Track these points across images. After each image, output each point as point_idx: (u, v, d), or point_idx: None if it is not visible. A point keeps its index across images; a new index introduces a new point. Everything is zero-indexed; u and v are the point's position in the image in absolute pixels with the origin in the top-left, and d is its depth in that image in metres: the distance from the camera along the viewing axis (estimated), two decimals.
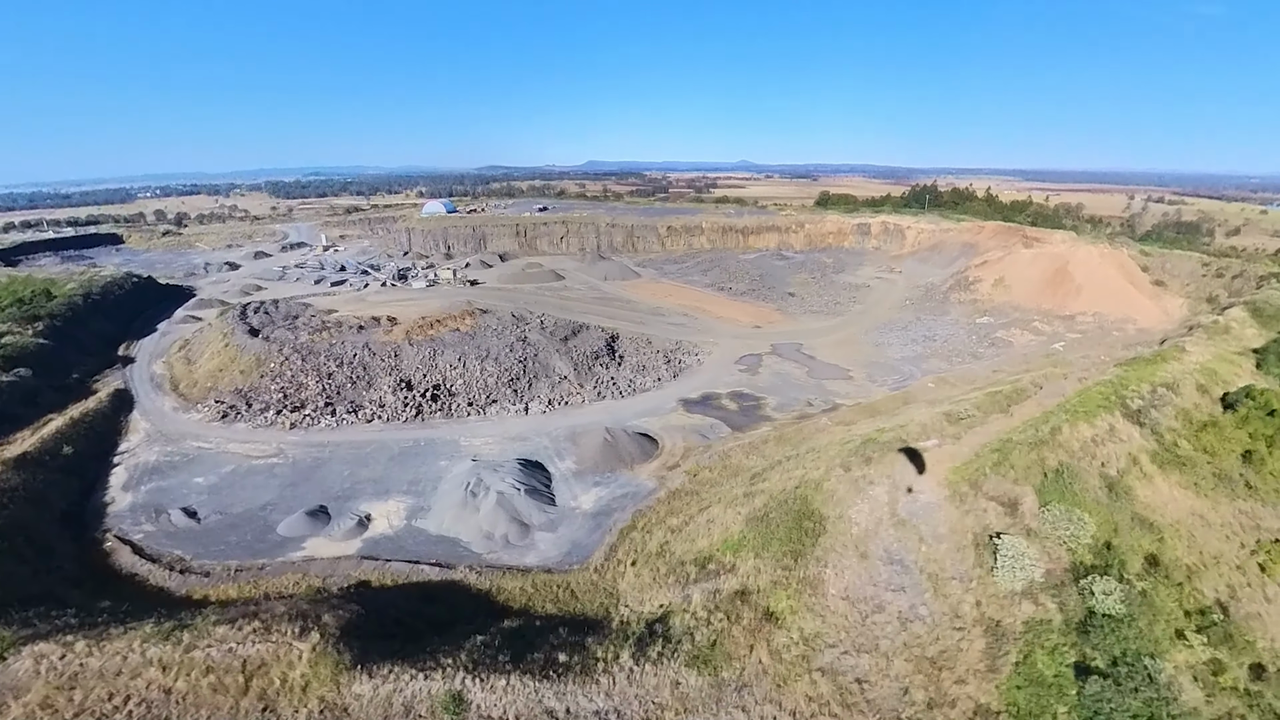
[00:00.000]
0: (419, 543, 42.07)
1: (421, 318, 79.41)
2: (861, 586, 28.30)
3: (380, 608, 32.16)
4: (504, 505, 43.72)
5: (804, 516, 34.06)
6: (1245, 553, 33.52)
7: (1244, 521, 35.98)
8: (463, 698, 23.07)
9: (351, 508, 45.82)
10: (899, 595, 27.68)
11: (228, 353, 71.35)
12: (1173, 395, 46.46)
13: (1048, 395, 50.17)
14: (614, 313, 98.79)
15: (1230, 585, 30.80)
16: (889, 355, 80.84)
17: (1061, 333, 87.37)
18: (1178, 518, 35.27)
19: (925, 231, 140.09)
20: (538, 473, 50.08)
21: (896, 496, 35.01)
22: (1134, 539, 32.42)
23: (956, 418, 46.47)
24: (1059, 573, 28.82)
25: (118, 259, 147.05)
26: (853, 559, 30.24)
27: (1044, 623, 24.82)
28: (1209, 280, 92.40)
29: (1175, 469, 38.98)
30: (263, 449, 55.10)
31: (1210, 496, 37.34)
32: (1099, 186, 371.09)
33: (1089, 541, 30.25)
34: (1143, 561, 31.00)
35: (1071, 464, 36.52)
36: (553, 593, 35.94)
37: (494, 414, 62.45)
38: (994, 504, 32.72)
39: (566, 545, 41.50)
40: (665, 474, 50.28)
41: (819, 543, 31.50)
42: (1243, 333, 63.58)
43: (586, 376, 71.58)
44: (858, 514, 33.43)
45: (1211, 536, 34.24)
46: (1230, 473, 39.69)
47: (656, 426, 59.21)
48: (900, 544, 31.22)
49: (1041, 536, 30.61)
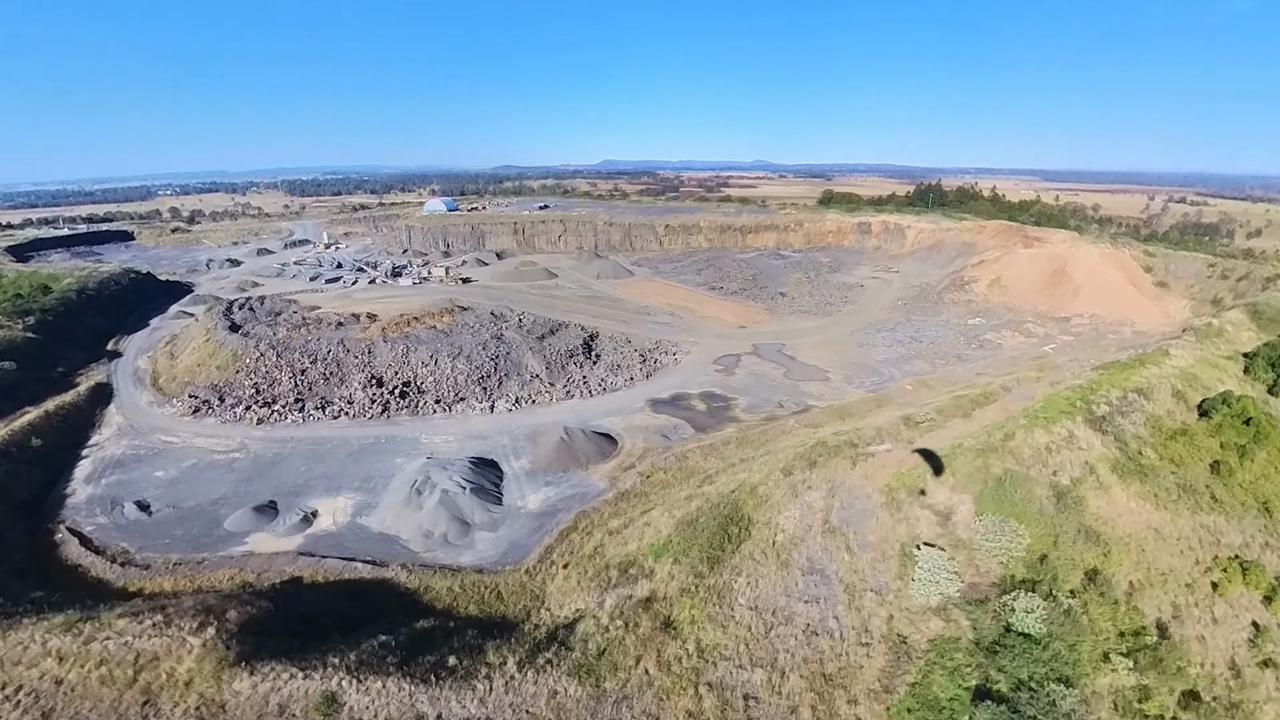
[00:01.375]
0: (359, 540, 41.94)
1: (400, 315, 79.71)
2: (774, 596, 27.28)
3: (293, 605, 32.01)
4: (446, 504, 43.40)
5: (731, 522, 33.11)
6: (1199, 570, 31.69)
7: (1203, 536, 34.06)
8: (336, 699, 22.66)
9: (300, 504, 45.91)
10: (812, 607, 26.62)
11: (207, 348, 72.34)
12: (1144, 401, 44.34)
13: (1015, 399, 48.37)
14: (599, 311, 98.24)
15: (1176, 604, 29.09)
16: (872, 357, 78.99)
17: (1055, 335, 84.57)
18: (1130, 531, 33.49)
19: (925, 231, 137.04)
20: (490, 471, 49.71)
21: (832, 503, 33.86)
22: (1076, 552, 30.82)
23: (914, 422, 45.01)
24: (985, 587, 27.48)
25: (126, 255, 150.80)
26: (771, 567, 29.22)
27: (952, 641, 23.55)
28: (1214, 282, 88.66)
29: (1136, 479, 37.09)
30: (226, 444, 55.60)
31: (1170, 509, 35.43)
32: (1121, 187, 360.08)
33: (1022, 554, 28.81)
34: (1082, 577, 29.43)
35: (1019, 472, 34.92)
36: (479, 594, 35.47)
37: (460, 412, 62.30)
38: (928, 512, 31.42)
39: (505, 545, 41.02)
40: (619, 475, 49.53)
41: (740, 549, 30.54)
42: (1237, 336, 60.66)
43: (559, 375, 71.11)
44: (787, 520, 32.38)
45: (1164, 551, 32.44)
46: (1196, 484, 37.67)
47: (619, 426, 58.47)
48: (825, 553, 30.11)
49: (972, 548, 29.26)
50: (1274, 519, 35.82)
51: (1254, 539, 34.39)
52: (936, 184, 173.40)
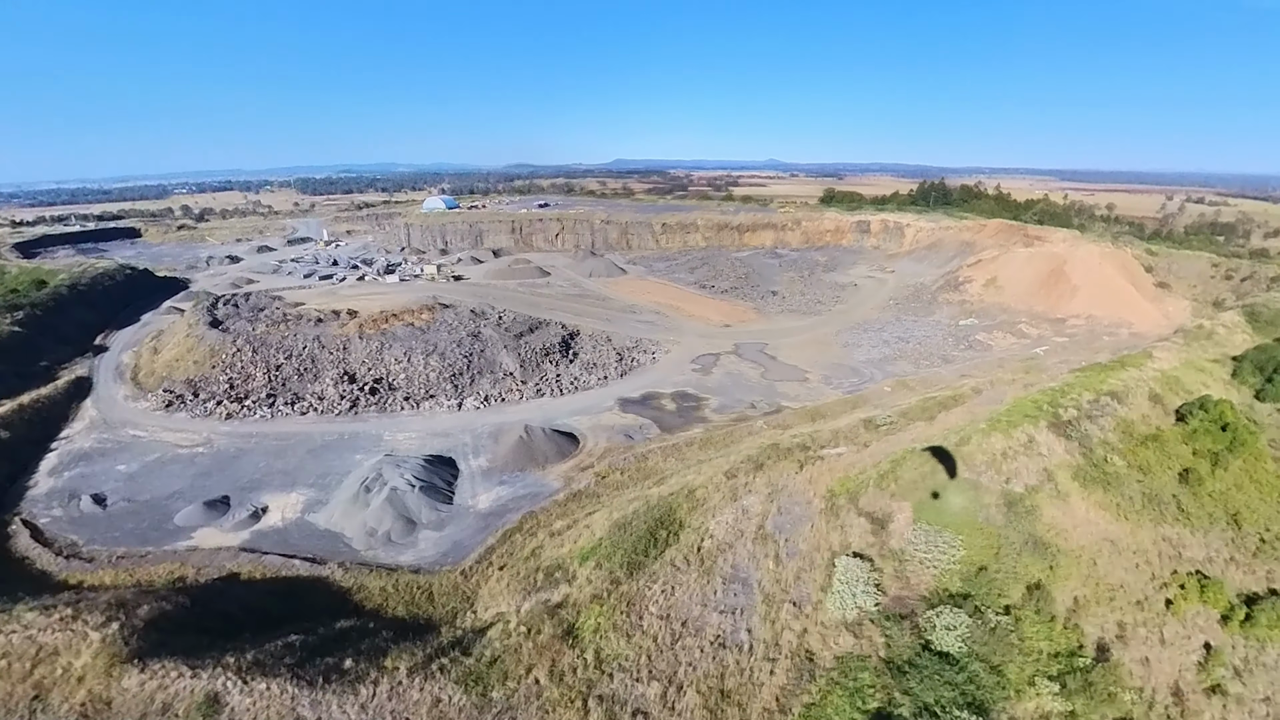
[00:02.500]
0: (304, 537, 41.66)
1: (380, 311, 79.72)
2: (689, 605, 26.25)
3: (215, 601, 31.73)
4: (393, 502, 42.94)
5: (662, 526, 32.11)
6: (1154, 585, 29.92)
7: (1163, 549, 32.24)
8: (219, 700, 22.16)
9: (252, 499, 45.80)
10: (726, 618, 25.55)
11: (186, 343, 72.94)
12: (1117, 405, 42.36)
13: (984, 402, 46.64)
14: (584, 309, 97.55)
15: (1122, 623, 27.41)
16: (854, 357, 77.23)
17: (1048, 336, 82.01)
18: (1084, 542, 31.81)
19: (924, 230, 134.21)
20: (445, 469, 49.21)
21: (769, 508, 32.70)
22: (1020, 565, 29.27)
23: (874, 424, 43.55)
24: (912, 601, 26.14)
25: (130, 252, 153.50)
26: (693, 574, 28.18)
27: (861, 659, 22.29)
28: (1217, 282, 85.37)
29: (1099, 487, 35.32)
30: (192, 438, 55.83)
31: (1132, 519, 33.64)
32: (1138, 187, 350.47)
33: (956, 566, 27.38)
34: (1023, 591, 27.88)
35: (969, 479, 33.41)
36: (410, 594, 34.91)
37: (427, 409, 61.96)
38: (864, 520, 30.12)
39: (448, 545, 40.45)
40: (576, 475, 48.73)
41: (664, 555, 29.54)
42: (1230, 338, 58.03)
43: (533, 373, 70.50)
44: (719, 525, 31.29)
45: (1118, 565, 30.71)
46: (1162, 493, 35.78)
47: (585, 425, 57.67)
48: (752, 560, 28.99)
49: (903, 559, 27.93)
50: (1243, 532, 33.84)
51: (1219, 553, 32.47)
52: (940, 182, 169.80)
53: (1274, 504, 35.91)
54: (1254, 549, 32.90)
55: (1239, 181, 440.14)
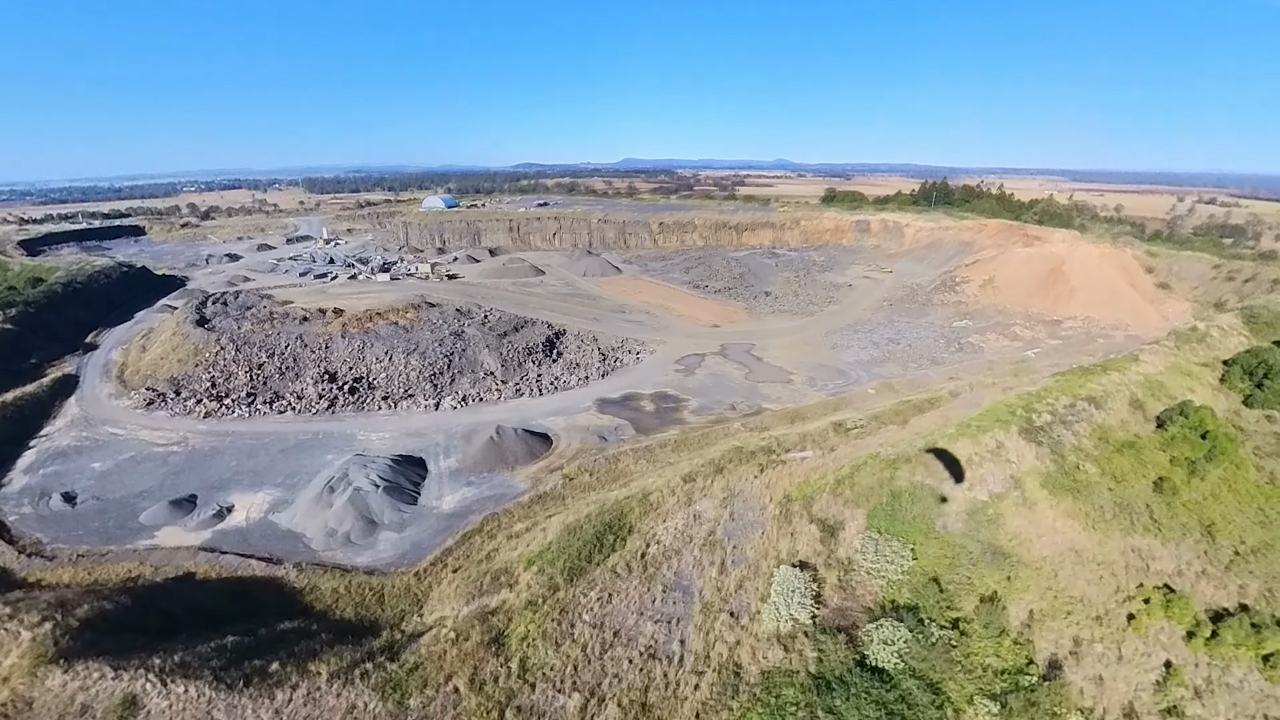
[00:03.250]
0: (265, 536, 41.52)
1: (366, 310, 79.74)
2: (624, 614, 25.61)
3: (159, 601, 31.57)
4: (355, 502, 42.69)
5: (610, 530, 31.49)
6: (1118, 599, 28.78)
7: (1131, 561, 31.07)
8: (137, 701, 21.91)
9: (219, 498, 45.77)
10: (661, 627, 24.88)
11: (172, 342, 73.38)
12: (1094, 411, 41.06)
13: (960, 406, 45.52)
14: (573, 309, 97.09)
15: (1078, 638, 26.36)
16: (842, 359, 76.06)
17: (1042, 338, 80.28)
18: (1048, 553, 30.74)
19: (924, 230, 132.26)
20: (413, 470, 48.91)
21: (722, 513, 31.96)
22: (977, 575, 28.29)
23: (844, 428, 42.61)
24: (855, 612, 25.29)
25: (134, 249, 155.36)
26: (633, 581, 27.53)
27: (788, 675, 21.50)
28: (1219, 284, 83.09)
29: (1068, 495, 34.17)
30: (169, 436, 56.01)
31: (1100, 529, 32.48)
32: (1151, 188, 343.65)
33: (904, 577, 26.48)
34: (976, 603, 26.91)
35: (931, 485, 32.42)
36: (361, 596, 34.62)
37: (404, 409, 61.78)
38: (815, 527, 29.29)
39: (407, 546, 40.13)
40: (544, 476, 48.23)
41: (607, 561, 28.91)
42: (1225, 341, 56.20)
43: (514, 373, 70.13)
44: (666, 531, 30.61)
45: (1081, 577, 29.61)
46: (1135, 502, 34.55)
47: (560, 426, 57.16)
48: (697, 568, 28.29)
49: (850, 568, 27.08)
50: (1217, 544, 32.55)
51: (1190, 566, 31.24)
52: (942, 182, 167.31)
53: (1252, 515, 34.59)
54: (1227, 562, 31.63)
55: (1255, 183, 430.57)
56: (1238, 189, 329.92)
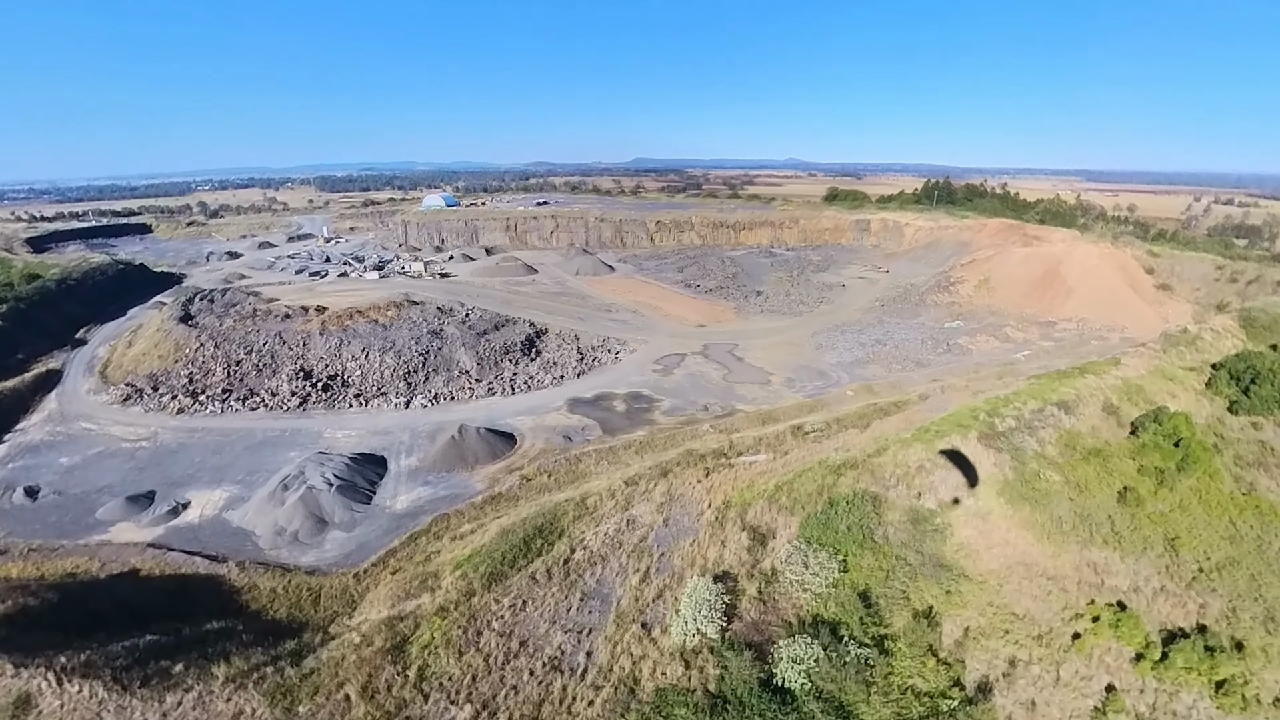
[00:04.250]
0: (216, 534, 41.36)
1: (348, 308, 79.87)
2: (535, 622, 24.79)
3: (89, 599, 31.40)
4: (307, 501, 42.37)
5: (540, 534, 30.72)
6: (1065, 616, 27.30)
7: (1085, 576, 29.55)
8: (31, 700, 21.60)
9: (176, 495, 45.76)
10: (570, 638, 24.03)
11: (155, 338, 74.06)
12: (1064, 416, 39.38)
13: (927, 410, 44.05)
14: (558, 308, 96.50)
15: (1015, 659, 24.96)
16: (825, 360, 74.53)
17: (1034, 340, 78.04)
18: (996, 566, 29.36)
19: (923, 229, 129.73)
20: (372, 468, 48.56)
21: (657, 519, 31.02)
22: (913, 589, 26.99)
23: (803, 431, 41.38)
24: (774, 626, 24.19)
25: (138, 247, 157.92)
26: (552, 588, 26.71)
27: (682, 693, 20.46)
28: (1222, 285, 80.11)
29: (1026, 505, 32.71)
30: (139, 432, 56.30)
31: (1056, 541, 30.99)
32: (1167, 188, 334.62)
33: (829, 590, 25.29)
34: (908, 619, 25.60)
35: (874, 492, 31.16)
36: (297, 597, 34.20)
37: (375, 407, 61.55)
38: (746, 535, 28.22)
39: (353, 546, 39.71)
40: (502, 477, 47.60)
41: (530, 565, 28.11)
42: (1218, 344, 53.86)
43: (489, 371, 69.66)
44: (596, 536, 29.75)
45: (1028, 592, 28.18)
46: (1096, 513, 32.95)
47: (528, 425, 56.53)
48: (620, 575, 27.41)
49: (774, 579, 25.98)
50: (1180, 559, 30.86)
51: (1148, 582, 29.62)
52: (945, 180, 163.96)
53: (1222, 528, 32.81)
54: (1189, 578, 29.96)
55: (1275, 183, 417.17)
56: (1258, 189, 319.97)
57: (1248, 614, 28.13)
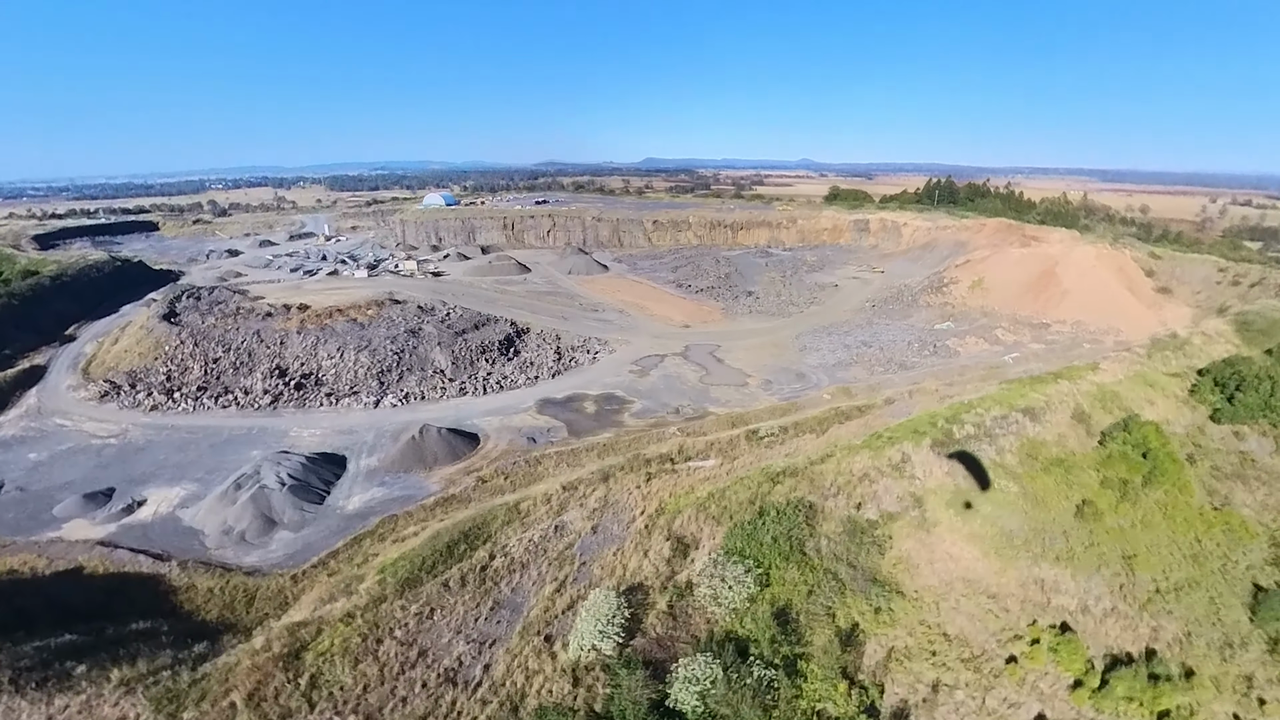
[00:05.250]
0: (166, 532, 41.24)
1: (330, 306, 79.98)
2: (440, 631, 24.06)
3: (13, 597, 31.22)
4: (257, 501, 42.11)
5: (466, 539, 30.02)
6: (1003, 638, 25.97)
7: (1031, 595, 28.14)
8: None
9: (134, 492, 45.80)
10: (473, 649, 23.30)
11: (137, 335, 74.74)
12: (1029, 423, 37.79)
13: (891, 415, 42.63)
14: (545, 307, 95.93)
15: (939, 683, 23.71)
16: (806, 362, 73.04)
17: (1025, 343, 75.82)
18: (935, 582, 28.04)
19: (921, 229, 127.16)
20: (330, 468, 48.25)
21: (586, 526, 30.12)
22: (840, 605, 25.77)
23: (758, 436, 40.23)
24: (681, 643, 23.19)
25: (142, 244, 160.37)
26: (465, 596, 25.99)
27: (566, 712, 19.57)
28: (1224, 288, 77.19)
29: (976, 517, 31.32)
30: (110, 429, 56.62)
31: (1004, 556, 29.60)
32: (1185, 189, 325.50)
33: (745, 605, 24.19)
34: (829, 638, 24.35)
35: (811, 502, 29.96)
36: (231, 597, 33.90)
37: (345, 406, 61.36)
38: (669, 545, 27.23)
39: (299, 546, 39.32)
40: (459, 478, 47.00)
41: (447, 572, 27.37)
42: (1207, 349, 51.63)
43: (464, 371, 69.23)
44: (520, 543, 28.98)
45: (966, 611, 26.87)
46: (1051, 528, 31.44)
47: (494, 426, 55.94)
48: (537, 584, 26.59)
49: (688, 593, 24.95)
50: (1136, 578, 29.28)
51: (1099, 602, 28.09)
52: (948, 180, 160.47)
53: (1185, 546, 31.12)
54: (1144, 599, 28.39)
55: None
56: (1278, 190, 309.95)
57: (1203, 639, 26.55)
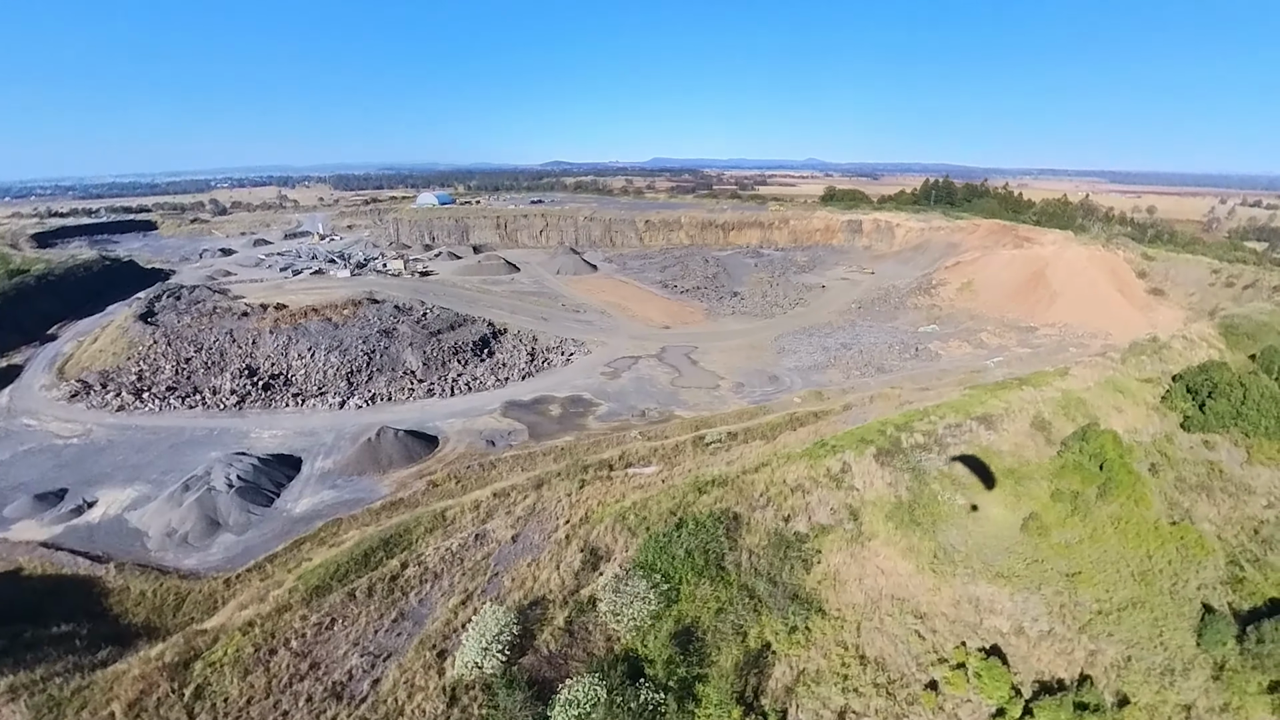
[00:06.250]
0: (111, 534, 40.97)
1: (307, 306, 79.85)
2: (337, 643, 23.37)
3: None
4: (203, 503, 41.73)
5: (384, 546, 29.32)
6: (926, 661, 24.75)
7: (964, 615, 26.91)
8: None
9: (86, 493, 45.59)
10: (366, 662, 22.58)
11: (113, 334, 74.97)
12: (984, 431, 36.50)
13: (846, 421, 41.48)
14: (526, 307, 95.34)
15: (846, 711, 22.49)
16: (782, 364, 71.84)
17: (1010, 346, 74.11)
18: (862, 599, 26.91)
19: (914, 230, 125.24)
20: (283, 470, 47.84)
21: (506, 535, 29.33)
22: (753, 624, 24.58)
23: (704, 442, 39.25)
24: (574, 662, 22.27)
25: (138, 244, 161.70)
26: (370, 606, 25.31)
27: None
28: (1217, 290, 75.01)
29: (915, 530, 30.16)
30: (74, 429, 56.59)
31: (940, 573, 28.42)
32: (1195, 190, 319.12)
33: (648, 622, 23.23)
34: (734, 659, 23.19)
35: (737, 513, 28.94)
36: (163, 601, 33.48)
37: (310, 407, 61.02)
38: (580, 557, 26.37)
39: (239, 550, 38.87)
40: (411, 482, 46.39)
41: (355, 583, 26.68)
42: (1188, 354, 49.90)
43: (435, 372, 68.73)
44: (436, 552, 28.27)
45: (890, 631, 25.69)
46: (992, 542, 30.17)
47: (455, 428, 55.35)
48: (445, 596, 25.84)
49: (590, 608, 24.03)
50: (1077, 598, 27.91)
51: (1035, 623, 26.76)
52: (945, 180, 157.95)
53: (1136, 563, 29.73)
54: (1085, 620, 27.04)
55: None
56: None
57: (1143, 665, 25.20)
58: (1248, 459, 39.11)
